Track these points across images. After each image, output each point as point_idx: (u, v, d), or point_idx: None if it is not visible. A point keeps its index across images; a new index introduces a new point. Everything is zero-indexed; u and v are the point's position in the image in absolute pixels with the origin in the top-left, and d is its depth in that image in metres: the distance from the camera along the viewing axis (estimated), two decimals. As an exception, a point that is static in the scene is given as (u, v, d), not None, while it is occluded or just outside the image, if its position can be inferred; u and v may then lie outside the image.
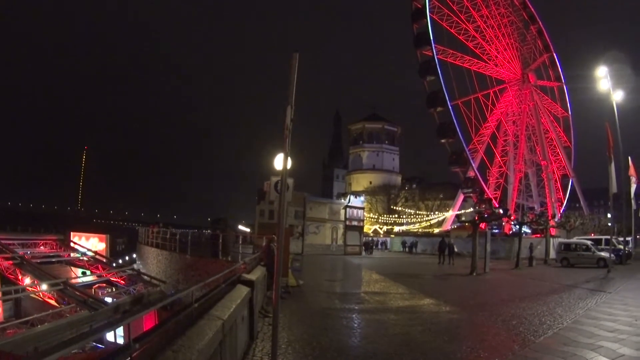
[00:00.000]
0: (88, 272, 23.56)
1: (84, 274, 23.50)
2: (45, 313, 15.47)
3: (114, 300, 18.03)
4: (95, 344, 11.05)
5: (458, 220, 46.80)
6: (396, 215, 57.48)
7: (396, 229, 56.31)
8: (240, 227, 43.28)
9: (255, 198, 36.53)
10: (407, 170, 77.48)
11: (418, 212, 57.14)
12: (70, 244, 27.66)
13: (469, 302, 11.75)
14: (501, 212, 35.14)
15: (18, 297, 17.50)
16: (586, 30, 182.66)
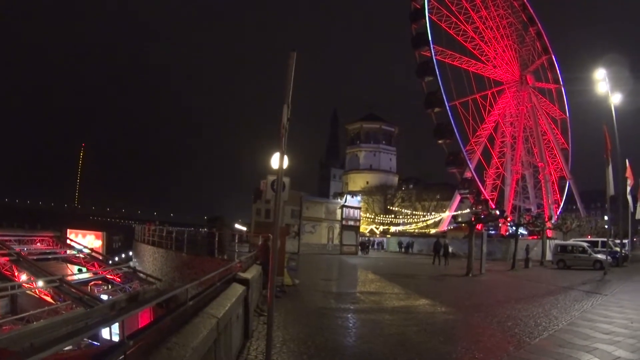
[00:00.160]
0: (84, 270, 23.45)
1: (80, 271, 23.38)
2: (41, 310, 15.41)
3: (110, 297, 17.99)
4: (90, 341, 11.04)
5: (455, 221, 46.80)
6: (393, 216, 57.56)
7: (392, 229, 56.38)
8: (237, 226, 43.27)
9: (252, 197, 36.52)
10: (406, 170, 77.54)
11: (415, 213, 57.19)
12: (67, 241, 27.48)
13: (465, 303, 11.76)
14: (498, 214, 35.16)
15: (14, 294, 17.42)
16: (586, 30, 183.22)
